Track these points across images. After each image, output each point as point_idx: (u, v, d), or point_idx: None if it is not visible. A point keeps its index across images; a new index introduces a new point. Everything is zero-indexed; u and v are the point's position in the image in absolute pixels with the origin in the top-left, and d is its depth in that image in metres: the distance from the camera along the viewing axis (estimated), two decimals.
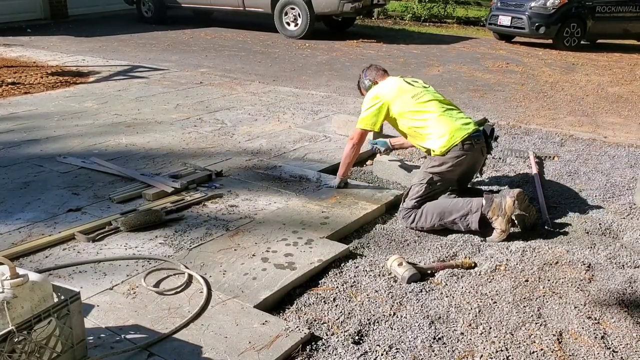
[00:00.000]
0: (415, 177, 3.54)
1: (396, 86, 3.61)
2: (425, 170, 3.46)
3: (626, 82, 8.22)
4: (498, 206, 3.25)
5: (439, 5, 15.37)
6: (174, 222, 3.29)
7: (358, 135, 3.70)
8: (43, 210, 3.38)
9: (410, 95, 3.53)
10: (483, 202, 3.29)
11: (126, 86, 6.68)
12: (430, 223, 3.34)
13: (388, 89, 3.61)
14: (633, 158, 4.78)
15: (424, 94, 3.55)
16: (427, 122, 3.45)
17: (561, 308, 2.60)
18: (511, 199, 3.25)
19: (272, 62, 8.75)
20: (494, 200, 3.27)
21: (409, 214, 3.40)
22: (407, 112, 3.50)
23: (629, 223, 3.56)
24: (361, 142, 3.75)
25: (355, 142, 3.71)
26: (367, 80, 3.81)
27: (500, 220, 3.25)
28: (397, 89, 3.58)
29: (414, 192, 3.44)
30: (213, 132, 5.01)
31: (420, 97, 3.52)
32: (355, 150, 3.75)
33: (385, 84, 3.68)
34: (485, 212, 3.27)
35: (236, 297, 2.57)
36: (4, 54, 8.48)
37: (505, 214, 3.24)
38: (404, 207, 3.46)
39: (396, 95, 3.55)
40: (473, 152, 3.44)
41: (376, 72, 3.81)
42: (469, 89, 7.46)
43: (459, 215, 3.30)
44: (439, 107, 3.49)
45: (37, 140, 4.66)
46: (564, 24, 10.72)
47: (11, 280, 1.87)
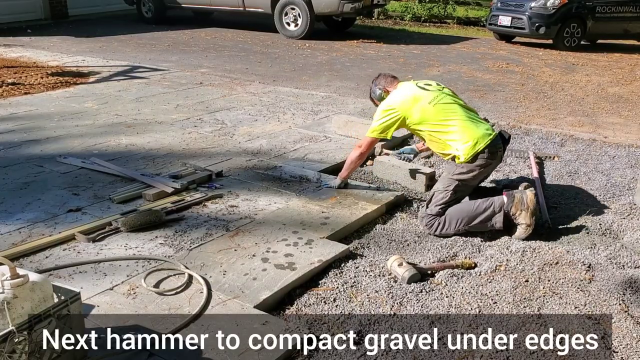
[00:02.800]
0: (440, 183, 3.47)
1: (410, 95, 3.46)
2: (451, 177, 3.40)
3: (626, 82, 8.22)
4: (520, 201, 3.27)
5: (439, 5, 15.36)
6: (174, 222, 3.29)
7: (367, 144, 3.62)
8: (43, 211, 3.38)
9: (427, 102, 3.41)
10: (505, 199, 3.30)
11: (126, 86, 6.68)
12: (455, 229, 3.32)
13: (402, 100, 3.46)
14: (633, 158, 4.78)
15: (441, 97, 3.44)
16: (448, 128, 3.36)
17: (561, 308, 2.60)
18: (532, 192, 3.30)
19: (272, 62, 8.75)
20: (515, 196, 3.29)
21: (432, 221, 3.36)
22: (427, 120, 3.39)
23: (629, 223, 3.56)
24: (369, 150, 3.73)
25: (364, 150, 3.64)
26: (377, 90, 3.70)
27: (525, 214, 3.26)
28: (412, 98, 3.44)
29: (438, 198, 3.39)
30: (213, 132, 5.01)
31: (438, 101, 3.41)
32: (361, 158, 3.70)
33: (399, 94, 3.53)
34: (508, 210, 3.28)
35: (236, 297, 2.57)
36: (4, 55, 8.48)
37: (528, 208, 3.26)
38: (427, 213, 3.39)
39: (411, 104, 3.42)
40: (497, 159, 3.44)
41: (385, 79, 3.70)
42: (469, 89, 7.45)
43: (483, 218, 3.30)
44: (460, 112, 3.40)
45: (37, 140, 4.67)
46: (564, 24, 10.72)
47: (11, 280, 1.88)
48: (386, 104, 3.52)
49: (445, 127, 3.37)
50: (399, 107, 3.44)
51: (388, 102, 3.52)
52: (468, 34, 13.34)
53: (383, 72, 3.85)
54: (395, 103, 3.47)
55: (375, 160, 4.37)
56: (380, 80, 3.72)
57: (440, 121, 3.38)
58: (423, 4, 15.52)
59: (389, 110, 3.47)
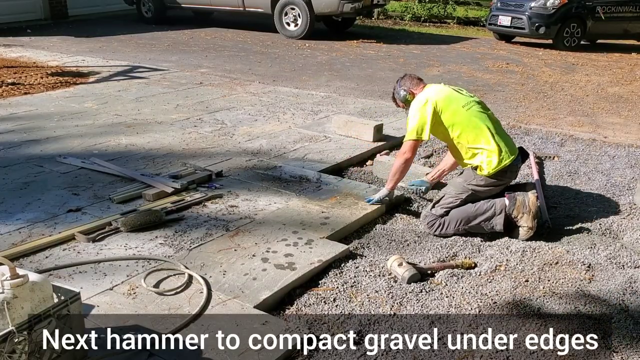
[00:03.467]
0: (451, 187, 3.45)
1: (446, 93, 3.40)
2: (467, 184, 3.36)
3: (626, 82, 8.22)
4: (522, 204, 3.26)
5: (439, 5, 15.36)
6: (174, 222, 3.29)
7: (410, 148, 3.39)
8: (43, 211, 3.38)
9: (461, 105, 3.35)
10: (506, 202, 3.28)
11: (126, 86, 6.68)
12: (455, 229, 3.32)
13: (437, 96, 3.36)
14: (633, 158, 4.78)
15: (472, 104, 3.38)
16: (478, 137, 3.31)
17: (561, 308, 2.60)
18: (534, 195, 3.28)
19: (272, 62, 8.75)
20: (517, 199, 3.28)
21: (434, 222, 3.36)
22: (459, 124, 3.32)
23: (629, 223, 3.56)
24: (414, 155, 3.47)
25: (409, 156, 3.40)
26: (402, 91, 3.55)
27: (526, 217, 3.26)
28: (448, 96, 3.37)
29: (446, 201, 3.37)
30: (213, 132, 5.01)
31: (470, 107, 3.36)
32: (407, 165, 3.45)
33: (433, 90, 3.43)
34: (510, 212, 3.27)
35: (236, 297, 2.57)
36: (4, 55, 8.48)
37: (530, 211, 3.25)
38: (431, 212, 3.39)
39: (447, 102, 3.34)
40: (513, 177, 3.45)
41: (411, 81, 3.56)
42: (469, 89, 7.40)
43: (483, 219, 3.30)
44: (490, 124, 3.35)
45: (37, 140, 4.66)
46: (564, 24, 10.72)
47: (11, 280, 1.88)
48: (422, 99, 3.37)
49: (474, 136, 3.31)
50: (434, 102, 3.32)
51: (421, 98, 3.38)
52: (468, 34, 13.34)
53: (409, 73, 3.70)
54: (430, 98, 3.35)
55: (375, 160, 4.37)
56: (405, 82, 3.58)
57: (470, 128, 3.31)
58: (423, 4, 15.52)
59: (425, 106, 3.33)
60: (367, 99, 6.60)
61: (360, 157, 4.57)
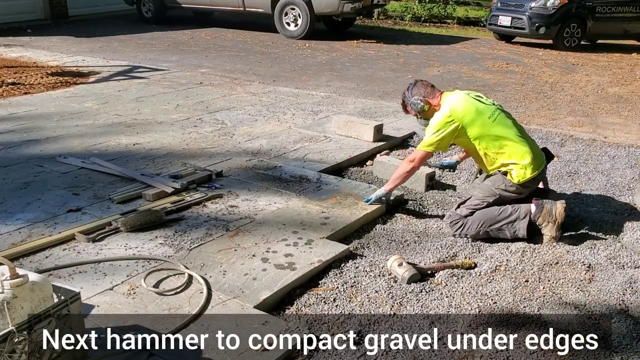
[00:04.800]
0: (479, 191, 3.38)
1: (472, 107, 3.27)
2: (495, 189, 3.31)
3: (626, 83, 8.22)
4: (548, 212, 3.22)
5: (439, 5, 15.36)
6: (174, 222, 3.29)
7: (420, 158, 3.35)
8: (43, 211, 3.38)
9: (487, 116, 3.26)
10: (532, 208, 3.24)
11: (126, 86, 6.68)
12: (476, 230, 3.28)
13: (464, 111, 3.24)
14: (633, 158, 4.78)
15: (497, 113, 3.30)
16: (505, 147, 3.25)
17: (561, 308, 2.60)
18: (562, 206, 3.22)
19: (272, 62, 8.75)
20: (544, 207, 3.24)
21: (457, 221, 3.32)
22: (486, 136, 3.25)
23: (629, 223, 3.56)
24: (421, 165, 3.46)
25: (416, 165, 3.37)
26: (417, 100, 3.38)
27: (551, 226, 3.22)
28: (475, 111, 3.25)
29: (473, 203, 3.32)
30: (213, 132, 5.01)
31: (496, 116, 3.28)
32: (412, 173, 3.46)
33: (458, 104, 3.27)
34: (535, 219, 3.24)
35: (236, 297, 2.57)
36: (4, 54, 8.48)
37: (555, 220, 3.22)
38: (456, 212, 3.34)
39: (474, 117, 3.24)
40: (540, 181, 3.43)
41: (425, 89, 3.41)
42: (469, 89, 7.39)
43: (506, 222, 3.25)
44: (517, 131, 3.30)
45: (37, 140, 4.66)
46: (564, 24, 10.71)
47: (11, 280, 1.88)
48: (444, 115, 3.24)
49: (503, 146, 3.25)
50: (460, 119, 3.22)
51: (446, 113, 3.24)
52: (468, 34, 13.34)
53: (420, 80, 3.51)
54: (456, 114, 3.23)
55: (375, 160, 4.37)
56: (419, 90, 3.42)
57: (498, 138, 3.25)
58: (423, 4, 15.52)
59: (450, 122, 3.22)
60: (367, 99, 6.60)
61: (360, 157, 4.57)
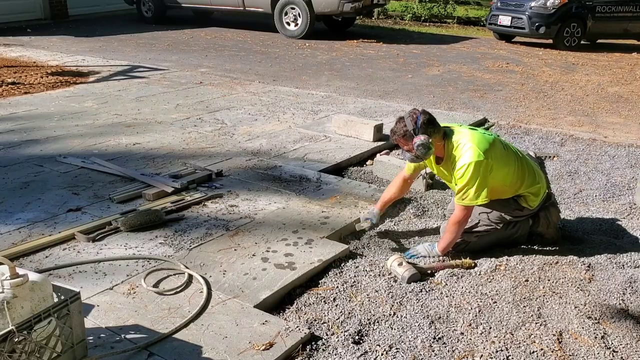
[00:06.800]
0: (485, 216, 3.16)
1: (489, 141, 2.99)
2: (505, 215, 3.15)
3: (626, 82, 8.22)
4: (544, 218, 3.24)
5: (439, 5, 15.36)
6: (174, 222, 3.29)
7: (466, 214, 3.00)
8: (43, 210, 3.38)
9: (501, 148, 3.07)
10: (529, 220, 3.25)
11: (126, 86, 6.68)
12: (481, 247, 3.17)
13: (487, 148, 2.94)
14: (633, 158, 4.78)
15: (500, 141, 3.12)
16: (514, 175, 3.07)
17: (561, 308, 2.60)
18: (555, 209, 3.28)
19: (272, 62, 8.75)
20: (539, 215, 3.23)
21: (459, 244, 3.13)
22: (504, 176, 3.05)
23: (629, 223, 3.56)
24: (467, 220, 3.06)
25: (463, 220, 3.01)
26: (423, 145, 2.89)
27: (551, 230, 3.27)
28: (492, 145, 2.99)
29: (481, 228, 3.14)
30: (213, 132, 5.01)
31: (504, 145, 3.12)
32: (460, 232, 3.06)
33: (479, 143, 2.94)
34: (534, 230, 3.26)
35: (236, 297, 2.57)
36: (4, 54, 8.48)
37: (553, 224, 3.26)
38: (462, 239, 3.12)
39: (496, 152, 2.99)
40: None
41: (427, 125, 2.92)
42: (469, 88, 7.45)
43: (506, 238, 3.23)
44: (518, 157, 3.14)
45: (37, 140, 4.66)
46: (564, 23, 10.71)
47: (11, 280, 1.88)
48: (473, 159, 2.88)
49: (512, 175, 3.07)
50: (491, 158, 2.93)
51: (474, 156, 2.89)
52: (468, 33, 13.34)
53: (419, 110, 2.97)
54: (484, 155, 2.90)
55: (375, 159, 4.37)
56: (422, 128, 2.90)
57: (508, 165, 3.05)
58: (423, 4, 15.53)
59: (482, 165, 2.89)
60: (367, 98, 6.60)
61: (360, 157, 4.57)
